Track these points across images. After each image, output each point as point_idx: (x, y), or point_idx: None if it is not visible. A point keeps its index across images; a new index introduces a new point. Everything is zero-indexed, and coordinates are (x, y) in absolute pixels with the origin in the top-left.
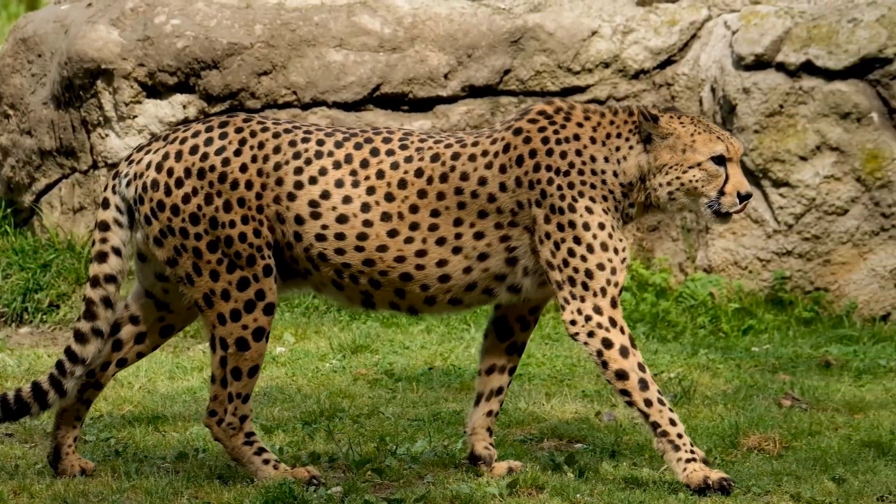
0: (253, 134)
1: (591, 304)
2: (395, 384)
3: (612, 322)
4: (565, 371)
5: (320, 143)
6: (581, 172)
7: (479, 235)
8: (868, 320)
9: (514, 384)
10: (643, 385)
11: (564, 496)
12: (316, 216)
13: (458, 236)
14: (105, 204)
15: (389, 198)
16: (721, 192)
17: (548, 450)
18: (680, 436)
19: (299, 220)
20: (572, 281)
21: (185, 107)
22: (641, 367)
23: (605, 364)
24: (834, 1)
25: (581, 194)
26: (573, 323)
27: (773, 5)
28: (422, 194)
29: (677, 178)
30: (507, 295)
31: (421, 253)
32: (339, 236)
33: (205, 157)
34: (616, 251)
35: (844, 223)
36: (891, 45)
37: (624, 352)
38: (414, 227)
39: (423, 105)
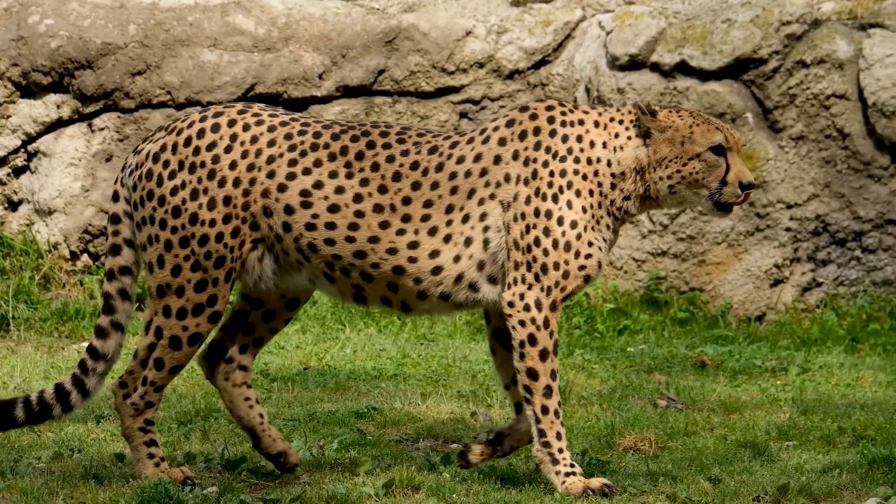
0: (246, 128)
1: (534, 296)
2: (271, 384)
3: (546, 323)
4: (441, 371)
5: (317, 135)
6: (577, 160)
7: (465, 218)
8: (743, 320)
9: (389, 384)
10: (547, 392)
11: (440, 496)
12: (307, 205)
13: (448, 223)
14: (115, 196)
15: (383, 190)
16: (723, 182)
17: (423, 450)
18: (561, 451)
19: (289, 209)
20: (529, 266)
21: (59, 107)
22: (553, 375)
23: (522, 356)
24: (708, 1)
25: (569, 185)
26: (511, 304)
27: (648, 6)
28: (415, 186)
29: (678, 170)
30: (488, 287)
31: (413, 245)
32: (330, 225)
33: (196, 151)
34: (577, 254)
35: (719, 223)
36: (765, 46)
37: (544, 354)
38: (406, 219)
39: (298, 105)
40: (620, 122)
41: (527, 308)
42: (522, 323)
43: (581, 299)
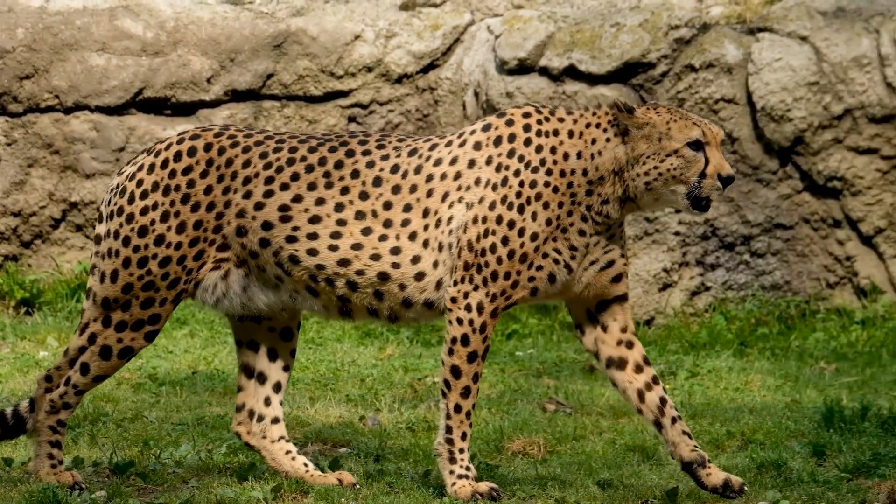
0: (221, 151)
1: (477, 299)
2: (159, 388)
3: (482, 327)
4: (329, 375)
5: (293, 150)
6: (549, 172)
7: (438, 223)
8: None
9: None
10: (465, 392)
11: (329, 500)
12: (286, 219)
13: (425, 228)
14: (100, 218)
15: (364, 196)
16: (702, 175)
17: (312, 454)
18: (462, 451)
19: (267, 225)
20: (479, 269)
21: None
22: (475, 378)
23: (451, 352)
24: (597, 6)
25: (538, 196)
26: (454, 300)
27: (537, 10)
28: (396, 189)
29: (655, 167)
30: None
31: (396, 250)
32: (312, 236)
33: (172, 174)
34: (530, 266)
35: None
36: (654, 50)
37: (472, 357)
38: (387, 224)
39: (187, 109)
40: (597, 125)
41: (468, 308)
42: (460, 321)
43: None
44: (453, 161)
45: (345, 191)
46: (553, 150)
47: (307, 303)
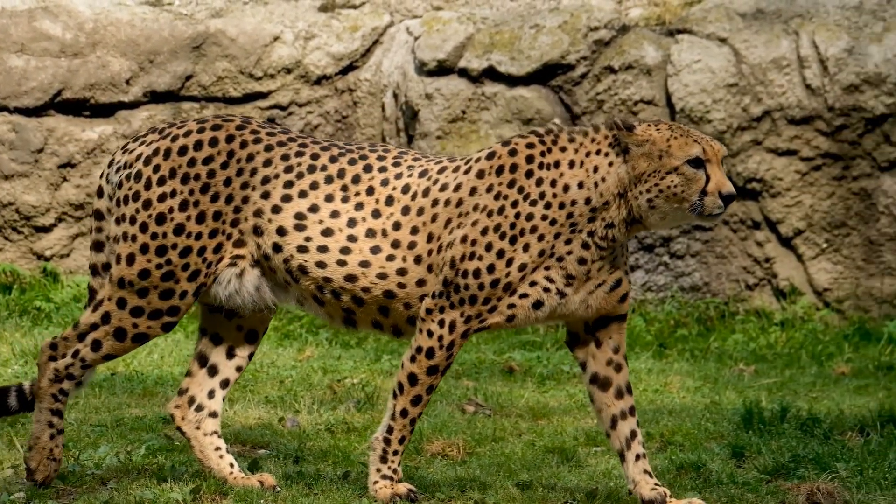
0: (244, 144)
1: (451, 318)
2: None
3: (450, 345)
4: (248, 377)
5: (315, 157)
6: (548, 206)
7: (440, 249)
8: (551, 326)
9: None
10: (416, 400)
11: (248, 502)
12: (300, 228)
13: (429, 253)
14: (100, 192)
15: (376, 214)
16: (703, 193)
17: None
18: (395, 453)
19: (282, 231)
20: (457, 288)
21: None
22: (430, 390)
23: (412, 359)
24: (517, 7)
25: (534, 229)
26: (429, 311)
27: (456, 11)
28: (405, 211)
29: (655, 184)
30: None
31: (402, 272)
32: (322, 249)
33: (192, 162)
34: (513, 294)
35: None
36: (573, 52)
37: (432, 370)
38: (395, 244)
39: (105, 110)
40: (598, 151)
41: (441, 324)
42: (430, 334)
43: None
44: (457, 188)
45: (359, 207)
46: (553, 183)
47: (312, 309)
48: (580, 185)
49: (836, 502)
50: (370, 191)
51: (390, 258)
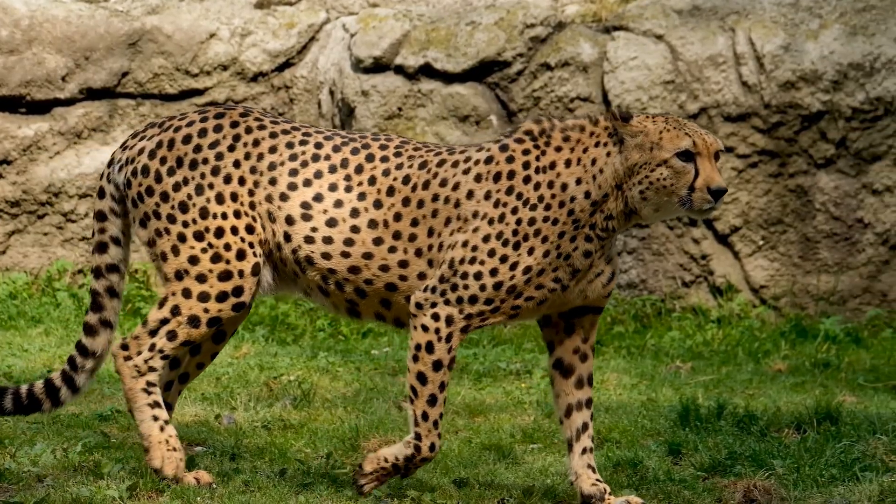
0: (248, 130)
1: (447, 313)
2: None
3: (449, 337)
4: None
5: (318, 145)
6: (548, 207)
7: (440, 247)
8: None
9: None
10: (432, 400)
11: (185, 499)
12: (307, 217)
13: (430, 248)
14: (101, 193)
15: (378, 205)
16: (691, 189)
17: None
18: (424, 460)
19: (290, 220)
20: (454, 288)
21: None
22: (442, 387)
23: (415, 359)
24: (453, 4)
25: (537, 233)
26: (419, 306)
27: (392, 8)
28: (406, 202)
29: (646, 177)
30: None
31: (403, 263)
32: (327, 240)
33: (198, 148)
34: (518, 296)
35: None
36: (509, 49)
37: (437, 365)
38: (397, 236)
39: (41, 107)
40: (596, 144)
41: (435, 317)
42: (425, 328)
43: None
44: (455, 187)
45: (361, 197)
46: (550, 185)
47: (319, 299)
48: (578, 182)
49: (772, 499)
50: (372, 181)
51: (392, 250)
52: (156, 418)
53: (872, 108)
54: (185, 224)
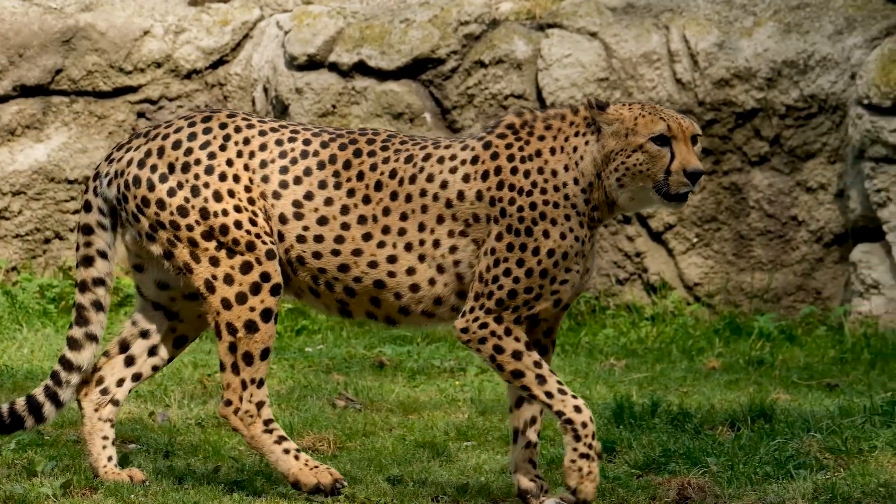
0: (238, 130)
1: (493, 317)
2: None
3: (507, 331)
4: None
5: (307, 142)
6: (543, 192)
7: (436, 243)
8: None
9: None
10: (541, 380)
11: (119, 497)
12: (299, 216)
13: (421, 242)
14: (87, 207)
15: (367, 200)
16: (668, 172)
17: None
18: (584, 424)
19: (283, 219)
20: (490, 296)
21: None
22: (538, 364)
23: (500, 367)
24: (387, 1)
25: (543, 216)
26: (465, 331)
27: (326, 5)
28: (394, 196)
29: (622, 163)
30: None
31: (392, 259)
32: (318, 238)
33: (189, 151)
34: (553, 280)
35: None
36: (443, 46)
37: (517, 354)
38: (386, 230)
39: None
40: (576, 133)
41: (483, 326)
42: (483, 340)
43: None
44: (444, 185)
45: (350, 193)
46: (541, 171)
47: (310, 300)
48: (566, 168)
49: (706, 497)
50: (360, 176)
51: (381, 245)
52: (287, 451)
53: (806, 105)
54: (190, 227)
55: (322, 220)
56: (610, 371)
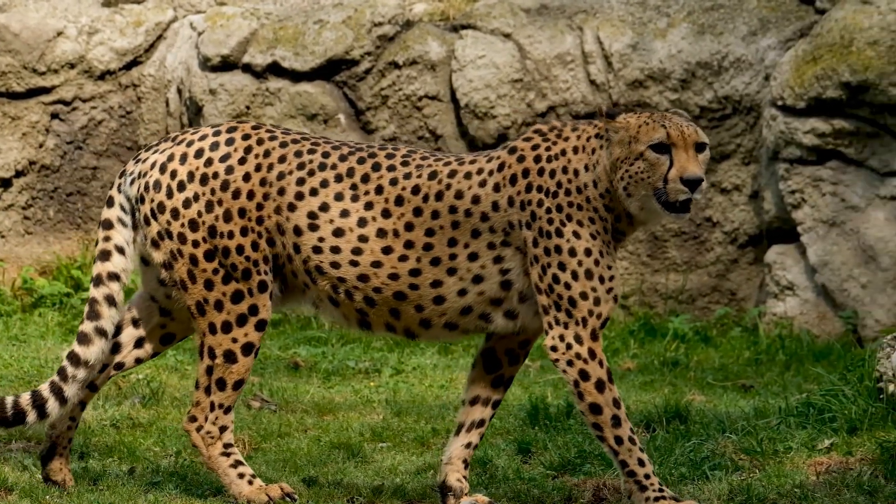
0: (260, 142)
1: (572, 333)
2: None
3: (592, 354)
4: (33, 372)
5: (325, 155)
6: (568, 193)
7: (473, 256)
8: (336, 324)
9: None
10: (616, 422)
11: (34, 498)
12: (314, 228)
13: (452, 257)
14: (110, 202)
15: (386, 214)
16: (665, 180)
17: (16, 451)
18: (647, 476)
19: (298, 230)
20: (557, 306)
21: None
22: (616, 403)
23: (580, 395)
24: (301, 2)
25: (569, 217)
26: (554, 349)
27: (240, 7)
28: (417, 212)
29: (626, 171)
30: (504, 321)
31: (415, 272)
32: (335, 249)
33: (209, 162)
34: (602, 279)
35: None
36: (357, 47)
37: (600, 385)
38: (408, 245)
39: None
40: (598, 136)
41: (569, 347)
42: (570, 363)
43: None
44: (475, 200)
45: (369, 206)
46: (565, 171)
47: (328, 311)
48: (586, 168)
49: (622, 498)
50: (379, 190)
51: (403, 258)
52: (242, 476)
53: (721, 106)
54: (196, 243)
55: (338, 232)
56: (525, 372)
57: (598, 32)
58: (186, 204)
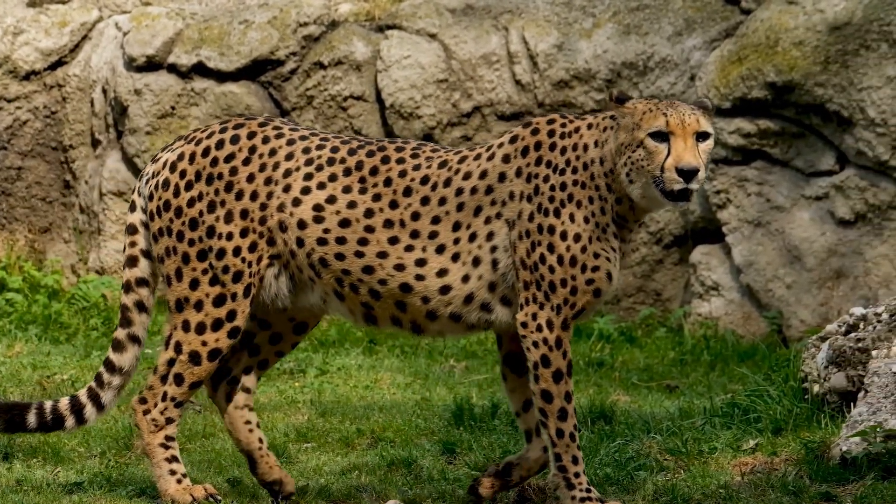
0: (265, 140)
1: (545, 316)
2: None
3: (558, 343)
4: None
5: (335, 150)
6: (575, 170)
7: (472, 237)
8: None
9: None
10: (562, 415)
11: None
12: (319, 220)
13: (455, 241)
14: (132, 207)
15: (394, 205)
16: (662, 169)
17: None
18: (577, 475)
19: (302, 224)
20: (538, 285)
21: None
22: (568, 397)
23: (536, 378)
24: (226, 3)
25: (570, 198)
26: (524, 325)
27: (165, 7)
28: (425, 201)
29: (629, 157)
30: (501, 309)
31: (421, 262)
32: (340, 240)
33: (215, 161)
34: (584, 268)
35: None
36: (282, 47)
37: (558, 376)
38: (415, 234)
39: None
40: (612, 117)
41: (539, 328)
42: (536, 344)
43: (98, 301)
44: (483, 175)
45: (376, 198)
46: (574, 147)
47: (334, 305)
48: (595, 144)
49: (546, 499)
50: (388, 182)
51: (409, 248)
52: (173, 472)
53: None
54: (192, 242)
55: (344, 223)
56: (450, 373)
57: (524, 32)
58: (190, 203)
